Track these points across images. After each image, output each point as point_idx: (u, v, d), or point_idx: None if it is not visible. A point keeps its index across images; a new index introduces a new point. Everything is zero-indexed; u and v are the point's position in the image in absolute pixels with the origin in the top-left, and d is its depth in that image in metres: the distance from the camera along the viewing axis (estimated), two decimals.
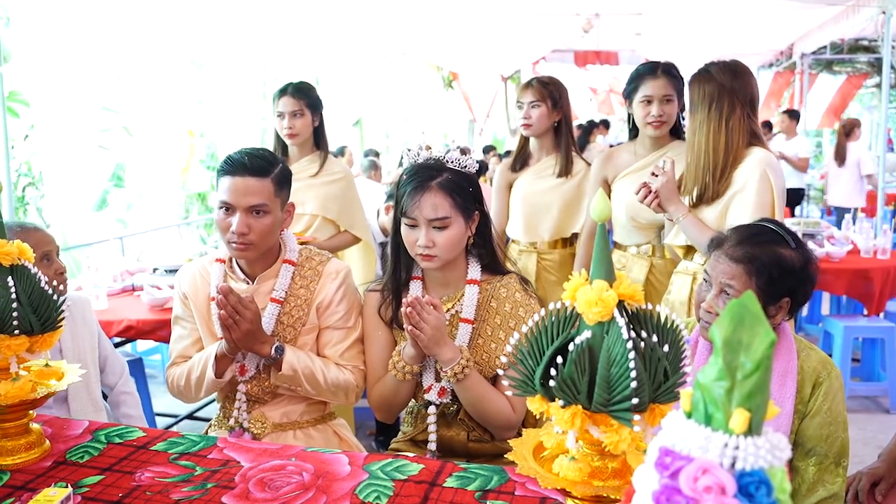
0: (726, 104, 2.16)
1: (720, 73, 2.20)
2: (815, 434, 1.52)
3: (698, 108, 2.19)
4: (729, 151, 2.17)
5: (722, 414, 0.57)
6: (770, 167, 2.13)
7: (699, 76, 2.22)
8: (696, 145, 2.20)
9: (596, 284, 0.94)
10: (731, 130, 2.16)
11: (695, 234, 2.19)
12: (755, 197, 2.11)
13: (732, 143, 2.17)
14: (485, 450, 1.79)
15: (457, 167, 1.75)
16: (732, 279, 1.53)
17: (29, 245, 1.42)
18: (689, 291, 2.27)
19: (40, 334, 1.38)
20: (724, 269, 1.54)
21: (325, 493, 1.26)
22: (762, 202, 2.11)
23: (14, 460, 1.36)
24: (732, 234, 1.60)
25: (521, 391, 1.00)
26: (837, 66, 12.21)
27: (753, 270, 1.51)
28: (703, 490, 0.56)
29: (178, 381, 1.86)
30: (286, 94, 2.93)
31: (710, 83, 2.18)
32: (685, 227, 2.21)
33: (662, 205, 2.22)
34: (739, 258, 1.53)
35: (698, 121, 2.19)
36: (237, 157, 1.77)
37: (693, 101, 2.21)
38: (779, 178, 2.15)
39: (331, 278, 1.86)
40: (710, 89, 2.17)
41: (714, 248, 1.60)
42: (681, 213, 2.20)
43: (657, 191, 2.21)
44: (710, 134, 2.17)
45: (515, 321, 1.78)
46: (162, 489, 1.28)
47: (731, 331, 0.58)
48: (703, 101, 2.18)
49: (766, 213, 2.08)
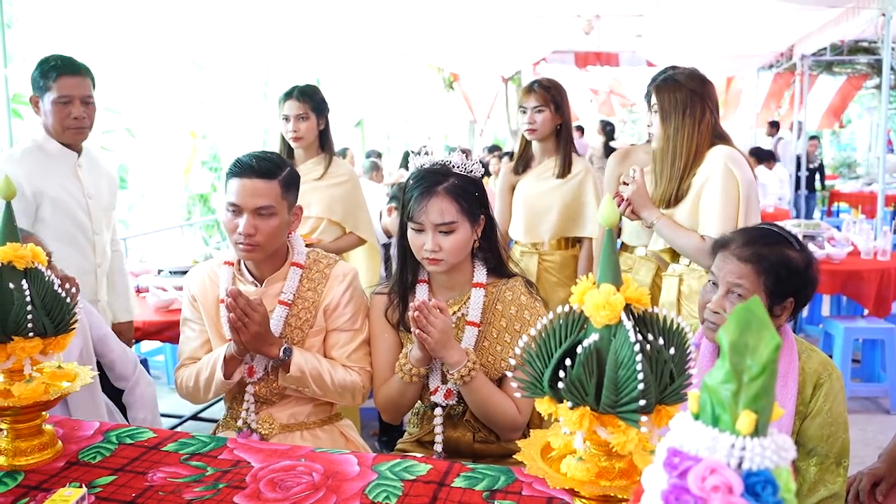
0: (699, 109, 2.23)
1: (688, 80, 2.26)
2: (816, 434, 1.54)
3: (671, 115, 2.24)
4: (699, 153, 2.24)
5: (729, 415, 0.59)
6: (732, 161, 2.19)
7: (668, 84, 2.26)
8: (672, 151, 2.25)
9: (603, 288, 0.96)
10: (701, 134, 2.23)
11: (670, 235, 2.25)
12: (721, 190, 2.16)
13: (702, 145, 2.24)
14: (490, 450, 1.81)
15: (462, 172, 1.77)
16: (741, 279, 1.55)
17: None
18: (676, 293, 2.33)
19: (53, 336, 1.40)
20: (733, 269, 1.56)
21: (335, 493, 1.28)
22: (728, 194, 2.16)
23: (28, 461, 1.38)
24: (738, 235, 1.62)
25: (530, 393, 1.02)
26: (837, 67, 12.24)
27: (762, 270, 1.53)
28: (710, 489, 0.58)
29: (186, 382, 1.89)
30: (291, 98, 2.94)
31: (681, 90, 2.24)
32: (660, 229, 2.26)
33: (636, 211, 2.28)
34: (748, 258, 1.55)
35: (673, 127, 2.24)
36: (246, 159, 1.79)
37: (665, 109, 2.25)
38: (744, 171, 2.20)
39: (338, 281, 1.88)
40: (681, 96, 2.23)
41: (719, 250, 1.63)
42: (654, 217, 2.25)
43: (629, 198, 2.26)
44: (685, 139, 2.23)
45: (521, 324, 1.80)
46: (174, 489, 1.30)
47: (737, 335, 0.60)
48: (675, 108, 2.23)
49: (733, 205, 2.16)
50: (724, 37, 8.42)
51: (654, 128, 2.29)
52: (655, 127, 2.28)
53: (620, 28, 8.24)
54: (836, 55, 9.31)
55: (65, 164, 2.44)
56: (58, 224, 2.39)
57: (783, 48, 9.29)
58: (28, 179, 2.32)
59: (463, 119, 13.82)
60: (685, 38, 8.71)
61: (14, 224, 1.41)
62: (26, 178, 2.32)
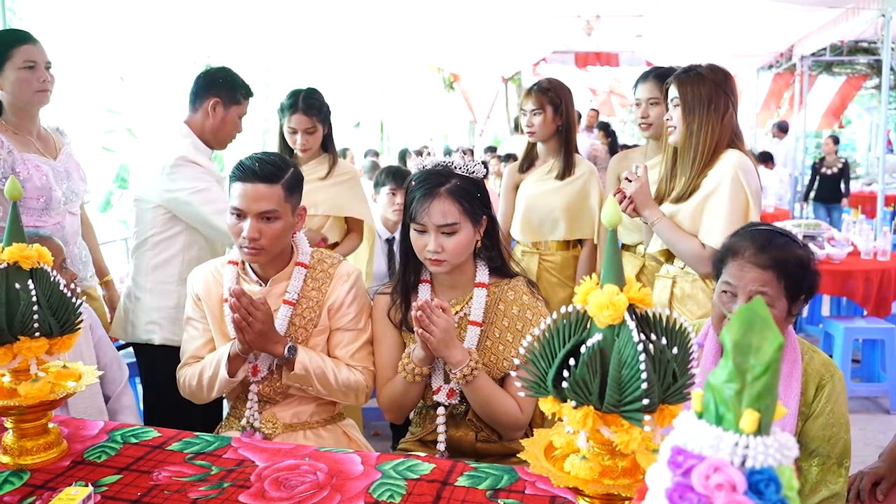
0: (723, 103, 2.19)
1: (711, 73, 2.22)
2: (818, 435, 1.55)
3: (695, 109, 2.19)
4: (718, 148, 2.20)
5: (732, 414, 0.60)
6: (743, 170, 2.15)
7: (691, 78, 2.22)
8: (694, 145, 2.20)
9: (607, 288, 0.97)
10: (724, 129, 2.20)
11: (670, 237, 2.22)
12: (728, 201, 2.13)
13: (722, 141, 2.20)
14: (493, 450, 1.82)
15: (465, 173, 1.78)
16: (765, 286, 1.55)
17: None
18: (668, 295, 2.32)
19: (59, 336, 1.40)
20: (755, 277, 1.56)
21: (339, 491, 1.29)
22: (736, 205, 2.13)
23: (34, 460, 1.39)
24: (748, 241, 1.60)
25: (534, 392, 1.03)
26: (837, 67, 12.24)
27: (783, 274, 1.55)
28: (714, 487, 0.58)
29: (189, 380, 1.89)
30: (298, 112, 2.88)
31: (705, 84, 2.19)
32: (660, 230, 2.24)
33: (637, 209, 2.25)
34: (768, 264, 1.55)
35: (697, 122, 2.19)
36: (248, 163, 1.80)
37: (689, 102, 2.20)
38: (752, 180, 2.17)
39: (342, 280, 1.90)
40: (706, 90, 2.19)
41: (730, 258, 1.61)
42: (656, 217, 2.23)
43: (632, 196, 2.24)
44: (708, 134, 2.18)
45: (523, 323, 1.81)
46: (179, 488, 1.31)
47: (740, 334, 0.60)
48: (700, 101, 2.18)
49: (740, 216, 2.12)
50: (723, 37, 8.43)
51: (675, 121, 2.24)
52: (676, 121, 2.23)
53: (620, 28, 8.26)
54: (835, 55, 9.32)
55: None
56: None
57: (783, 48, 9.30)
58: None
59: (463, 119, 13.83)
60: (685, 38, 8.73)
61: (20, 224, 1.41)
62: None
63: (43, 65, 2.37)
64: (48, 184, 2.37)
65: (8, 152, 2.31)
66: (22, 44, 2.34)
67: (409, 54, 10.06)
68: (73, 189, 2.47)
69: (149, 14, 6.06)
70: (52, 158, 2.45)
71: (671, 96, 2.25)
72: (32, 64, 2.34)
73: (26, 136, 2.41)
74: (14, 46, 2.32)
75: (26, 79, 2.33)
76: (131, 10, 5.92)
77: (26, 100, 2.37)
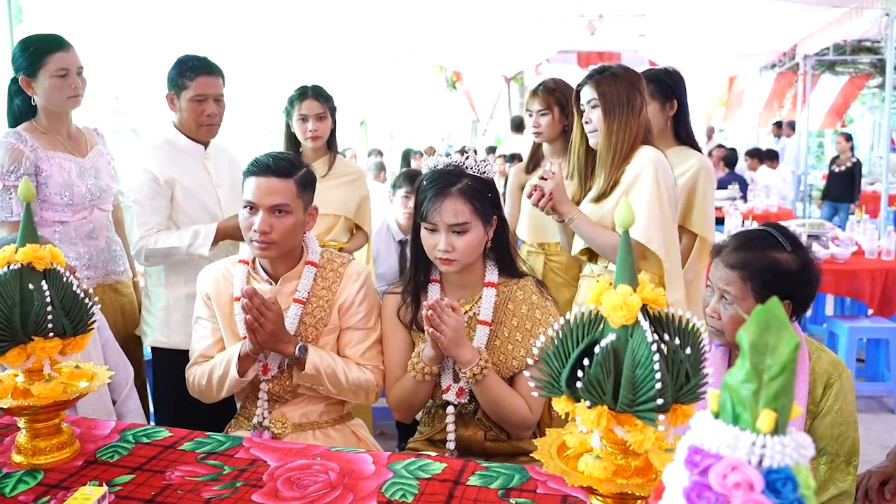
0: (638, 102, 2.24)
1: (625, 73, 2.26)
2: (826, 433, 1.56)
3: (615, 108, 2.21)
4: (635, 145, 2.24)
5: (749, 414, 0.60)
6: (658, 164, 2.20)
7: (607, 78, 2.24)
8: (614, 144, 2.23)
9: (620, 289, 0.98)
10: (641, 126, 2.25)
11: (588, 232, 2.24)
12: (647, 193, 2.17)
13: (639, 137, 2.24)
14: (502, 449, 1.83)
15: (476, 173, 1.79)
16: (728, 285, 1.57)
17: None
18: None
19: (72, 337, 1.41)
20: (721, 276, 1.59)
21: (351, 491, 1.30)
22: (653, 198, 2.17)
23: (47, 459, 1.40)
24: (731, 240, 1.63)
25: (547, 392, 1.03)
26: (840, 67, 12.23)
27: (747, 276, 1.55)
28: (732, 486, 0.59)
29: (199, 380, 1.90)
30: (309, 98, 2.95)
31: (621, 83, 2.23)
32: (579, 227, 2.25)
33: (556, 207, 2.25)
34: (734, 264, 1.57)
35: (618, 121, 2.21)
36: (263, 158, 1.84)
37: (608, 102, 2.22)
38: (666, 174, 2.22)
39: (352, 280, 1.91)
40: (623, 89, 2.22)
41: (714, 256, 1.64)
42: (573, 214, 2.24)
43: (551, 193, 2.24)
44: (628, 131, 2.22)
45: (532, 323, 1.82)
46: (193, 488, 1.32)
47: (757, 335, 0.61)
48: (619, 100, 2.22)
49: (658, 207, 2.16)
50: (726, 36, 8.43)
51: (595, 123, 2.26)
52: (597, 122, 2.25)
53: (623, 28, 8.25)
54: (838, 55, 9.32)
55: (194, 157, 2.55)
56: (189, 210, 2.50)
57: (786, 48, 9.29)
58: (160, 170, 2.44)
59: (465, 118, 13.83)
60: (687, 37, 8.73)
61: (34, 226, 1.43)
62: (158, 169, 2.44)
63: (75, 71, 2.41)
64: (70, 180, 2.41)
65: (32, 150, 2.36)
66: (56, 51, 2.38)
67: (412, 53, 10.06)
68: (100, 186, 2.52)
69: (152, 15, 6.07)
70: (81, 157, 2.50)
71: (587, 98, 2.27)
72: (65, 72, 2.38)
73: (55, 136, 2.46)
74: (48, 54, 2.36)
75: (59, 86, 2.38)
76: (135, 11, 5.93)
77: (59, 105, 2.42)
